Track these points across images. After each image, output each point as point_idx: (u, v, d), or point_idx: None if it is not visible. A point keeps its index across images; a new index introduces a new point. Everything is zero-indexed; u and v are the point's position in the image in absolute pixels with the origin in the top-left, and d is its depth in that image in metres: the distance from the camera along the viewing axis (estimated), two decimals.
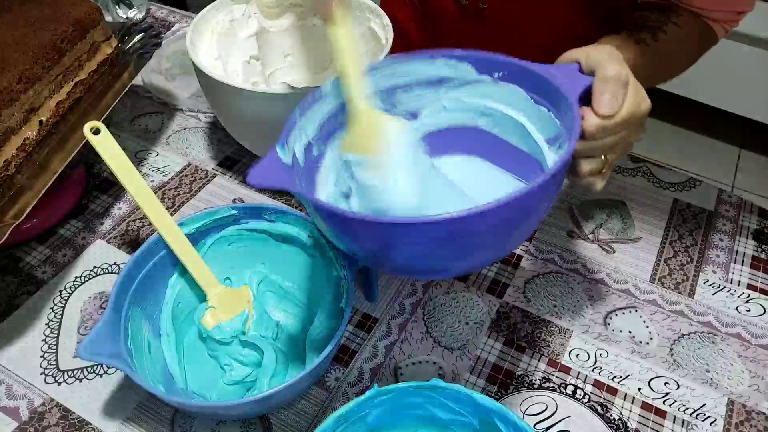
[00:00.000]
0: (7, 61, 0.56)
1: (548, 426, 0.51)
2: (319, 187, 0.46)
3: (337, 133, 0.47)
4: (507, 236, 0.39)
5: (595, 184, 0.45)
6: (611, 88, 0.42)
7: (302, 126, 0.45)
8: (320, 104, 0.46)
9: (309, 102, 0.45)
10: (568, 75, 0.43)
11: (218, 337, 0.53)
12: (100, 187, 0.70)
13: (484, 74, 0.46)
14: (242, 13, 0.70)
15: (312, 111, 0.46)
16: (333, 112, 0.47)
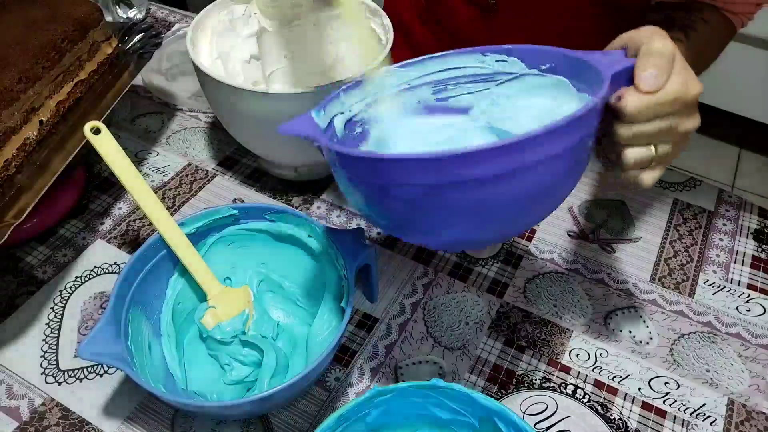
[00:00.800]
0: (7, 61, 0.56)
1: (548, 426, 0.51)
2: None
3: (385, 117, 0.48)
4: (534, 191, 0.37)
5: (643, 180, 0.41)
6: (655, 62, 0.38)
7: (345, 101, 0.46)
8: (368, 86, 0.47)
9: (356, 82, 0.46)
10: (612, 58, 0.40)
11: (218, 337, 0.53)
12: (100, 187, 0.70)
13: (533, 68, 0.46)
14: (242, 13, 0.70)
15: (358, 90, 0.47)
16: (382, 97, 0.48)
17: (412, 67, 0.49)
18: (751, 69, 1.64)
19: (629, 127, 0.39)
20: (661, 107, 0.38)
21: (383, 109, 0.49)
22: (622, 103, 0.38)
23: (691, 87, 0.39)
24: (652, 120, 0.39)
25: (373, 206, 0.40)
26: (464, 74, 0.48)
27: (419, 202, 0.37)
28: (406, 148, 0.48)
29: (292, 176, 0.71)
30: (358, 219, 0.67)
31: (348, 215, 0.68)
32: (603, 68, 0.39)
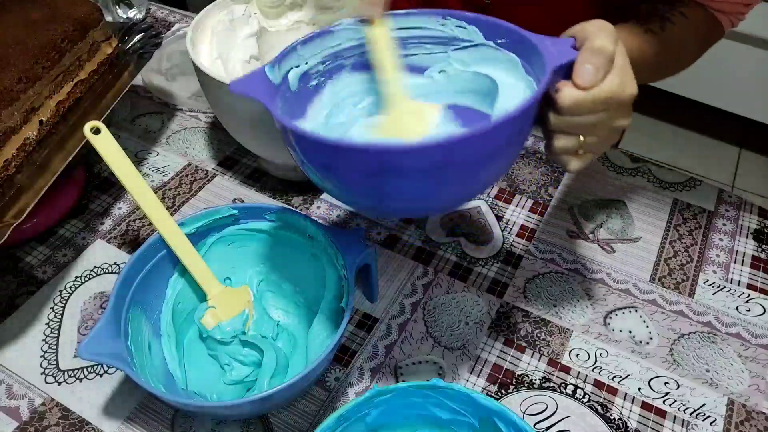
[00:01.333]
0: (7, 61, 0.56)
1: (548, 426, 0.51)
2: (309, 115, 0.48)
3: (344, 72, 0.49)
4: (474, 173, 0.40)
5: (569, 163, 0.43)
6: (594, 60, 0.39)
7: (302, 54, 0.46)
8: (328, 39, 0.48)
9: (315, 34, 0.47)
10: (559, 48, 0.41)
11: (218, 337, 0.53)
12: (100, 187, 0.70)
13: (489, 39, 0.47)
14: (242, 13, 0.70)
15: (315, 43, 0.47)
16: (341, 50, 0.49)
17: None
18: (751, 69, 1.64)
19: (561, 117, 0.41)
20: (594, 104, 0.40)
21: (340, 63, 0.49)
22: (558, 95, 0.40)
23: (628, 88, 0.40)
24: (584, 114, 0.40)
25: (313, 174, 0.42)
26: (423, 35, 0.49)
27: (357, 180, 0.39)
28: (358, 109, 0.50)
29: (292, 176, 0.71)
30: (359, 219, 0.67)
31: (348, 215, 0.68)
32: (548, 59, 0.40)
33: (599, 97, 0.40)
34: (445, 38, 0.49)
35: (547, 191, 0.71)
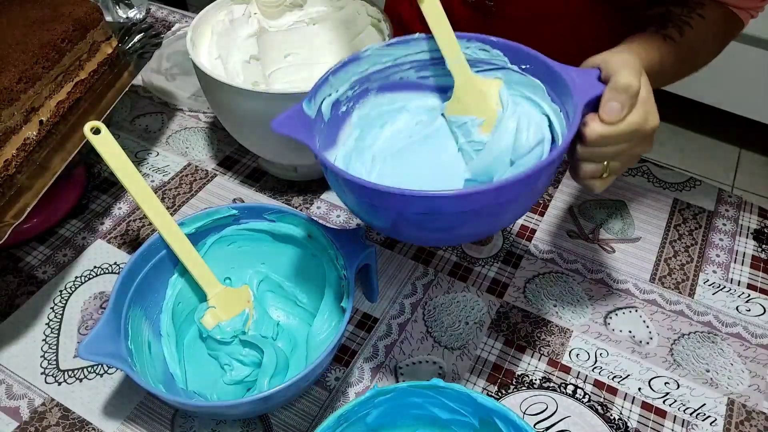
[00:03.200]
0: (7, 61, 0.56)
1: (548, 426, 0.51)
2: (340, 141, 0.50)
3: (370, 95, 0.52)
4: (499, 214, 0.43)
5: (594, 187, 0.46)
6: (619, 98, 0.42)
7: (333, 83, 0.48)
8: (356, 65, 0.50)
9: (344, 63, 0.49)
10: (585, 80, 0.44)
11: (218, 337, 0.53)
12: (100, 187, 0.70)
13: (513, 64, 0.49)
14: (242, 13, 0.70)
15: (345, 71, 0.49)
16: (368, 75, 0.51)
17: (398, 46, 0.51)
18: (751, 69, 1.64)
19: (588, 148, 0.44)
20: (619, 137, 0.43)
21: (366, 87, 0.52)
22: (586, 129, 0.43)
23: (650, 121, 0.43)
24: (609, 146, 0.43)
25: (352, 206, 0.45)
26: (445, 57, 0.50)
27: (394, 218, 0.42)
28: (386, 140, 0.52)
29: (292, 176, 0.71)
30: (358, 219, 0.67)
31: (348, 215, 0.68)
32: (576, 93, 0.43)
33: (624, 131, 0.42)
34: (468, 60, 0.50)
35: (547, 191, 0.71)
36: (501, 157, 0.48)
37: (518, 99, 0.50)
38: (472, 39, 0.49)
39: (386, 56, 0.51)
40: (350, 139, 0.51)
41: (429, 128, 0.53)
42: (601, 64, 0.44)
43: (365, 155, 0.51)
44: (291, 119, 0.44)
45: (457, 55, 0.49)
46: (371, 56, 0.50)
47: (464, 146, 0.51)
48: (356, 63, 0.50)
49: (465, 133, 0.51)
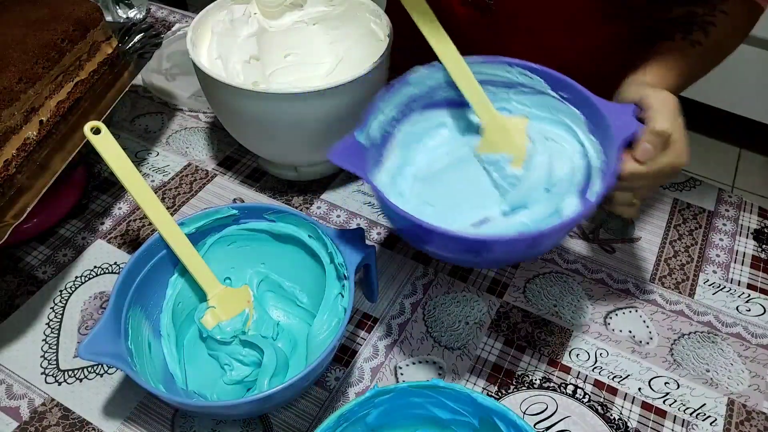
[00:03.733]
0: (7, 61, 0.56)
1: (548, 426, 0.51)
2: (385, 158, 0.54)
3: (414, 114, 0.55)
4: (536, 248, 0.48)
5: (625, 212, 0.51)
6: (654, 141, 0.45)
7: (381, 108, 0.51)
8: (403, 89, 0.53)
9: (392, 86, 0.52)
10: (622, 117, 0.47)
11: (218, 337, 0.53)
12: (100, 187, 0.70)
13: (554, 91, 0.52)
14: (242, 13, 0.70)
15: (393, 94, 0.52)
16: (414, 97, 0.54)
17: (442, 69, 0.53)
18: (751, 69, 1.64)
19: (621, 182, 0.47)
20: (649, 174, 0.46)
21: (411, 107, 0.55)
22: (621, 167, 0.46)
23: (682, 160, 0.47)
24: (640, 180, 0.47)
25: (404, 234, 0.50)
26: (487, 79, 0.54)
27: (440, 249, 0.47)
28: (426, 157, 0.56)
29: (292, 176, 0.71)
30: (358, 219, 0.67)
31: (348, 215, 0.68)
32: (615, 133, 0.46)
33: (655, 170, 0.46)
34: (508, 82, 0.53)
35: None
36: (536, 188, 0.51)
37: (554, 126, 0.53)
38: (514, 64, 0.52)
39: (431, 78, 0.54)
40: (395, 155, 0.54)
41: (465, 148, 0.56)
42: (639, 101, 0.47)
43: (407, 172, 0.55)
44: (345, 150, 0.47)
45: (480, 99, 0.52)
46: (418, 79, 0.53)
47: (498, 180, 0.54)
48: (404, 86, 0.53)
49: (498, 169, 0.54)
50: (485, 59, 0.53)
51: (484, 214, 0.53)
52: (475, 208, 0.53)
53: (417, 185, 0.54)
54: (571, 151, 0.52)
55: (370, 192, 0.70)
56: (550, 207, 0.51)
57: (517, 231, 0.49)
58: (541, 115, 0.54)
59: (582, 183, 0.50)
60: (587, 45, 0.73)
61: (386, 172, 0.53)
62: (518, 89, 0.53)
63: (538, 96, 0.53)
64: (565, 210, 0.49)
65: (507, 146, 0.53)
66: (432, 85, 0.54)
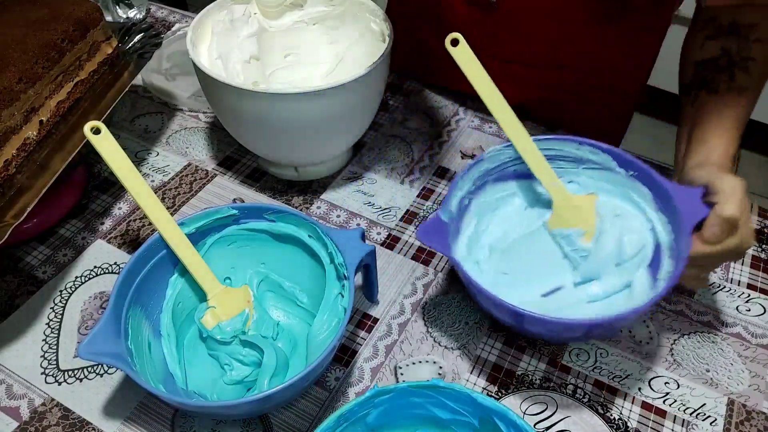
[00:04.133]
0: (7, 61, 0.56)
1: (548, 426, 0.51)
2: (462, 229, 0.57)
3: (487, 185, 0.59)
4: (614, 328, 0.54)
5: (693, 286, 0.54)
6: (722, 225, 0.47)
7: (461, 186, 0.56)
8: (479, 166, 0.57)
9: (470, 166, 0.56)
10: (691, 201, 0.49)
11: (218, 337, 0.53)
12: (100, 187, 0.70)
13: (621, 168, 0.55)
14: (242, 13, 0.70)
15: (471, 172, 0.56)
16: (488, 171, 0.58)
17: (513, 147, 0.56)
18: None
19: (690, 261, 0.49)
20: (716, 255, 0.49)
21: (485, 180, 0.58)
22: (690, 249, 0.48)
23: (746, 243, 0.49)
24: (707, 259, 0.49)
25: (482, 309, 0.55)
26: (558, 155, 0.57)
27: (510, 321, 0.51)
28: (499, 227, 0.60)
29: (292, 176, 0.71)
30: (358, 219, 0.67)
31: (348, 215, 0.68)
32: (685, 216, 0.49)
33: (722, 252, 0.48)
34: (577, 158, 0.57)
35: None
36: (606, 262, 0.54)
37: (623, 201, 0.55)
38: (584, 143, 0.55)
39: (504, 154, 0.57)
40: (470, 226, 0.58)
41: (537, 221, 0.59)
42: (707, 185, 0.49)
43: (483, 242, 0.59)
44: (431, 229, 0.51)
45: (552, 179, 0.56)
46: (492, 157, 0.57)
47: (570, 254, 0.57)
48: (479, 164, 0.57)
49: (569, 242, 0.57)
50: (556, 137, 0.56)
51: (557, 283, 0.56)
52: (547, 277, 0.57)
53: (493, 255, 0.58)
54: (639, 227, 0.55)
55: (371, 192, 0.70)
56: (621, 280, 0.54)
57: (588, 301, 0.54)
58: (610, 189, 0.57)
59: (651, 257, 0.53)
60: (586, 41, 0.73)
61: (464, 243, 0.57)
62: (587, 165, 0.57)
63: (606, 172, 0.56)
64: (636, 283, 0.53)
65: (577, 221, 0.56)
66: (504, 160, 0.58)
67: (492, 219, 0.60)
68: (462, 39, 0.52)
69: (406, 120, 0.80)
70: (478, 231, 0.58)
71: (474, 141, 0.77)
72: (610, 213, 0.56)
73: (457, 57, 0.52)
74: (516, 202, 0.60)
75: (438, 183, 0.72)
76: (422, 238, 0.50)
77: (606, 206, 0.56)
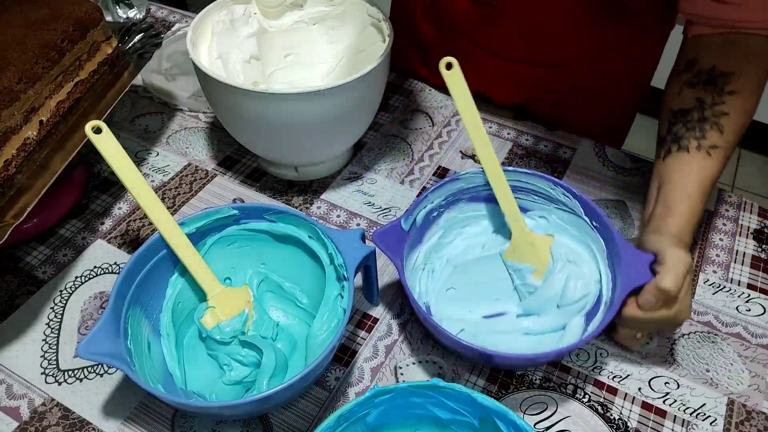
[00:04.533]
0: (7, 61, 0.56)
1: (548, 426, 0.51)
2: (425, 238, 0.59)
3: (461, 203, 0.60)
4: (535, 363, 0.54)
5: (629, 345, 0.55)
6: (657, 295, 0.48)
7: (430, 198, 0.57)
8: (453, 184, 0.58)
9: (443, 182, 0.57)
10: (639, 265, 0.50)
11: (218, 337, 0.53)
12: (100, 187, 0.70)
13: (587, 216, 0.56)
14: (242, 13, 0.70)
15: (443, 188, 0.57)
16: (461, 190, 0.59)
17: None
18: None
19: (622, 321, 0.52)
20: (648, 321, 0.50)
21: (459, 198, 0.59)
22: (623, 308, 0.50)
23: (681, 316, 0.50)
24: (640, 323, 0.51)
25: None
26: (534, 189, 0.58)
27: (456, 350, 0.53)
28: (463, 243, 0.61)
29: (292, 176, 0.71)
30: (358, 219, 0.67)
31: (348, 215, 0.68)
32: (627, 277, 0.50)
33: (654, 319, 0.50)
34: (550, 197, 0.58)
35: None
36: (549, 301, 0.56)
37: (581, 247, 0.57)
38: (558, 185, 0.56)
39: (480, 178, 0.58)
40: (435, 236, 0.59)
41: (498, 248, 0.60)
42: (657, 254, 0.50)
43: (443, 253, 0.60)
44: (388, 234, 0.52)
45: (515, 214, 0.57)
46: (468, 177, 0.58)
47: (519, 287, 0.58)
48: (454, 182, 0.58)
49: (520, 276, 0.58)
50: (535, 173, 0.57)
51: (501, 309, 0.58)
52: (494, 301, 0.58)
53: (448, 268, 0.59)
54: (588, 276, 0.56)
55: (371, 192, 0.70)
56: (557, 322, 0.55)
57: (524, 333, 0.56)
58: (573, 234, 0.58)
59: (590, 307, 0.54)
60: (587, 41, 0.73)
61: (423, 251, 0.58)
62: (558, 205, 0.58)
63: (573, 216, 0.57)
64: (570, 329, 0.53)
65: (531, 258, 0.58)
66: (479, 183, 0.58)
67: (458, 234, 0.61)
68: (456, 64, 0.52)
69: (406, 120, 0.80)
70: (442, 242, 0.60)
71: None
72: (565, 257, 0.57)
73: (448, 81, 0.53)
74: (484, 224, 0.61)
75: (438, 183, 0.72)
76: (376, 240, 0.51)
77: (564, 249, 0.58)
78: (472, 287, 0.59)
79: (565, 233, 0.58)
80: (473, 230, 0.61)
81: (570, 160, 0.75)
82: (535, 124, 0.80)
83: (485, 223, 0.61)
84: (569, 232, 0.58)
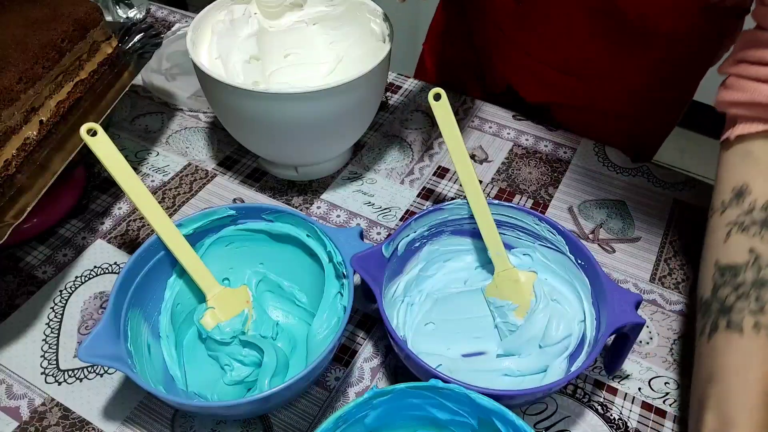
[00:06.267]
0: (7, 61, 0.56)
1: (548, 426, 0.51)
2: (406, 269, 0.57)
3: (444, 236, 0.58)
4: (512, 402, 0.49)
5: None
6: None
7: (413, 226, 0.55)
8: (437, 214, 0.56)
9: (427, 211, 0.55)
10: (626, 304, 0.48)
11: (218, 338, 0.53)
12: (100, 187, 0.70)
13: (571, 254, 0.53)
14: (242, 13, 0.70)
15: (427, 218, 0.56)
16: (446, 221, 0.57)
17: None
18: None
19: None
20: None
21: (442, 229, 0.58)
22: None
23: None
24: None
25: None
26: (518, 225, 0.57)
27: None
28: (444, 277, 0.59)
29: (292, 176, 0.71)
30: (358, 219, 0.67)
31: (348, 215, 0.68)
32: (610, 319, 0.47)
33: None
34: (535, 234, 0.56)
35: (547, 191, 0.71)
36: (531, 342, 0.53)
37: (564, 286, 0.55)
38: (544, 220, 0.54)
39: (465, 210, 0.56)
40: (416, 268, 0.57)
41: (480, 284, 0.58)
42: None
43: (423, 286, 0.58)
44: (368, 259, 0.50)
45: (498, 249, 0.56)
46: (452, 208, 0.56)
47: (500, 325, 0.56)
48: (438, 212, 0.56)
49: (501, 314, 0.56)
50: (520, 208, 0.55)
51: (481, 348, 0.56)
52: (473, 340, 0.56)
53: (428, 302, 0.57)
54: (571, 317, 0.53)
55: (371, 192, 0.70)
56: (539, 363, 0.53)
57: (504, 374, 0.53)
58: (557, 273, 0.56)
59: (573, 348, 0.52)
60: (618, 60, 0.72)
61: (403, 282, 0.56)
62: (543, 242, 0.56)
63: (558, 254, 0.55)
64: (552, 369, 0.51)
65: (513, 296, 0.56)
66: (464, 215, 0.57)
67: (440, 268, 0.59)
68: (444, 94, 0.52)
69: (406, 120, 0.80)
70: (422, 276, 0.58)
71: (474, 141, 0.77)
72: (548, 295, 0.55)
73: (436, 111, 0.53)
74: (467, 259, 0.60)
75: (438, 183, 0.72)
76: (355, 264, 0.49)
77: (547, 287, 0.56)
78: (451, 323, 0.57)
79: (549, 271, 0.56)
80: (456, 265, 0.60)
81: (570, 160, 0.75)
82: (535, 124, 0.80)
83: (469, 259, 0.60)
84: (553, 270, 0.56)
